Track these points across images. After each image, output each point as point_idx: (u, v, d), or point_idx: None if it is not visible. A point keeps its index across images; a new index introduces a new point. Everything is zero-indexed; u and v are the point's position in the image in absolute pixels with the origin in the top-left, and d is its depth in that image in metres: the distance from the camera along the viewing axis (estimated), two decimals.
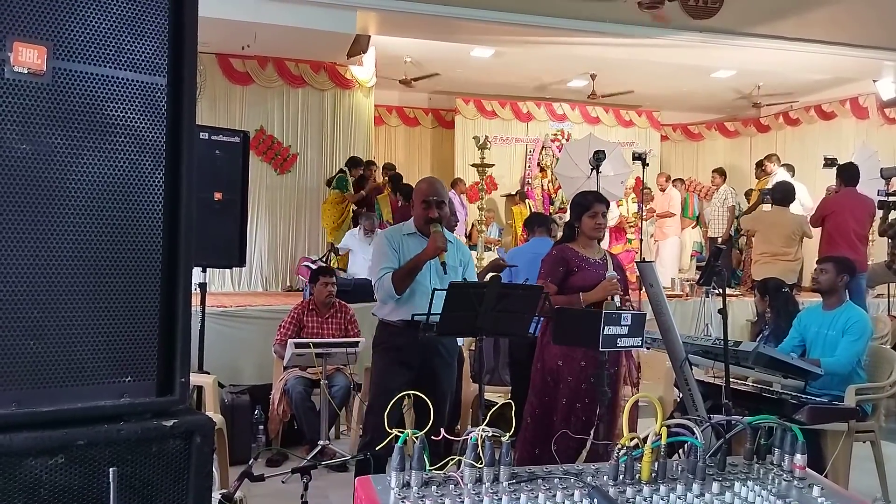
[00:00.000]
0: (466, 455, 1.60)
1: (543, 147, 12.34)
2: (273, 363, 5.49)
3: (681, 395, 3.57)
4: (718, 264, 3.43)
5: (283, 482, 4.36)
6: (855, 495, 1.76)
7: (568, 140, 11.83)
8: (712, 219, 10.12)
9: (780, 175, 9.35)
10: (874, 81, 10.39)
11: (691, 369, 3.36)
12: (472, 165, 10.11)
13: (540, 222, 5.65)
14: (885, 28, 8.44)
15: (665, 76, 10.74)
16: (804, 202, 8.78)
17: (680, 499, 1.59)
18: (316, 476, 3.72)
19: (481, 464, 1.60)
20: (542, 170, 12.19)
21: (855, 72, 10.12)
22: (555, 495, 1.55)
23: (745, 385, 4.02)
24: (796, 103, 12.42)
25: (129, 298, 1.47)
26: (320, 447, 4.95)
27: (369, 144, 9.98)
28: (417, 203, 3.65)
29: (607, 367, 3.66)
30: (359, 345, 5.06)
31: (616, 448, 1.69)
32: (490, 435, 1.62)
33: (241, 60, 9.09)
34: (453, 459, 1.67)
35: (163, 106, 1.50)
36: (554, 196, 11.96)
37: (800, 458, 1.73)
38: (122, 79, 1.45)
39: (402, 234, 3.66)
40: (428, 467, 1.60)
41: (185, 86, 1.53)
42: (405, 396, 3.07)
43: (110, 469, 1.35)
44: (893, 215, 7.23)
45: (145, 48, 1.47)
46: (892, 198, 7.29)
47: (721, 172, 10.30)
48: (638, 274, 3.83)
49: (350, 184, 8.94)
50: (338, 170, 9.12)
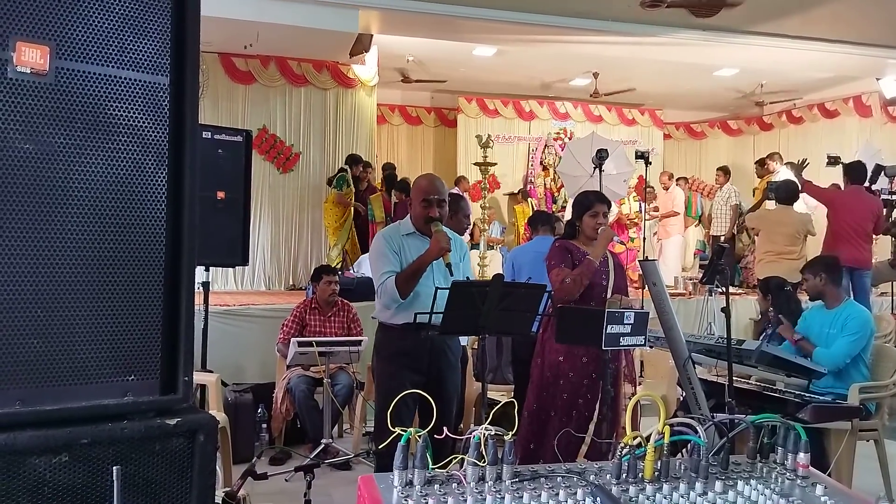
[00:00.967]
0: (469, 454, 1.60)
1: (546, 146, 12.33)
2: (276, 362, 5.50)
3: (684, 394, 3.56)
4: (722, 263, 3.43)
5: (286, 480, 4.38)
6: (858, 494, 1.76)
7: (570, 139, 11.81)
8: (715, 217, 10.10)
9: (783, 173, 9.33)
10: (877, 79, 10.36)
11: (694, 368, 3.36)
12: (474, 164, 10.09)
13: (543, 221, 5.65)
14: (889, 26, 8.41)
15: (668, 74, 10.73)
16: (808, 201, 8.75)
17: (683, 497, 1.58)
18: (319, 474, 3.72)
19: (484, 462, 1.60)
20: (545, 168, 12.18)
21: (858, 70, 10.10)
22: (557, 494, 1.55)
23: (748, 384, 4.02)
24: (799, 101, 12.39)
25: (132, 297, 1.47)
26: (323, 446, 4.96)
27: (372, 143, 9.98)
28: (416, 201, 3.51)
29: (615, 364, 3.67)
30: (361, 343, 5.06)
31: (619, 446, 1.69)
32: (493, 433, 1.62)
33: (244, 59, 9.09)
34: (456, 458, 1.67)
35: (165, 105, 1.50)
36: (556, 195, 11.95)
37: (803, 457, 1.73)
38: (125, 78, 1.45)
39: (400, 234, 3.53)
40: (431, 466, 1.60)
41: (188, 85, 1.53)
42: (413, 400, 3.02)
43: (114, 467, 1.36)
44: None
45: (148, 48, 1.48)
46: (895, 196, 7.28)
47: (724, 171, 10.28)
48: (641, 272, 3.83)
49: (349, 182, 8.89)
50: (338, 168, 9.10)
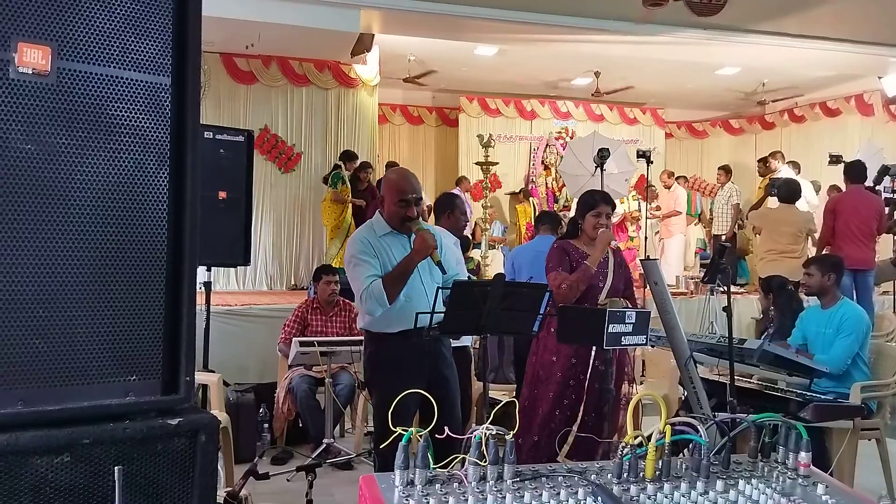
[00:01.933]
0: (471, 453, 1.60)
1: (548, 145, 12.33)
2: (278, 361, 5.50)
3: (685, 393, 3.56)
4: (723, 262, 3.43)
5: (287, 480, 4.39)
6: (860, 493, 1.76)
7: (572, 138, 11.81)
8: (717, 216, 10.10)
9: (785, 172, 9.33)
10: (879, 78, 10.35)
11: (696, 367, 3.36)
12: (476, 163, 10.11)
13: (546, 220, 5.64)
14: (890, 25, 8.40)
15: (669, 73, 10.72)
16: (809, 199, 8.75)
17: (684, 497, 1.58)
18: (321, 474, 3.73)
19: (485, 462, 1.60)
20: (547, 168, 12.18)
21: (860, 68, 10.09)
22: (559, 493, 1.55)
23: (749, 383, 4.02)
24: (801, 100, 12.38)
25: (134, 297, 1.47)
26: (325, 445, 4.96)
27: (373, 143, 9.98)
28: (391, 201, 3.27)
29: (609, 365, 3.69)
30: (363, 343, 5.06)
31: (621, 446, 1.69)
32: (494, 433, 1.62)
33: (245, 59, 9.10)
34: (458, 457, 1.67)
35: (167, 105, 1.51)
36: (558, 194, 11.95)
37: (804, 456, 1.73)
38: (127, 79, 1.45)
39: (376, 235, 3.29)
40: (432, 465, 1.60)
41: (189, 85, 1.53)
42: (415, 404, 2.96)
43: (116, 468, 1.36)
44: None
45: (149, 48, 1.48)
46: None
47: (726, 170, 10.27)
48: (642, 271, 3.84)
49: (345, 179, 8.82)
50: (333, 165, 9.08)
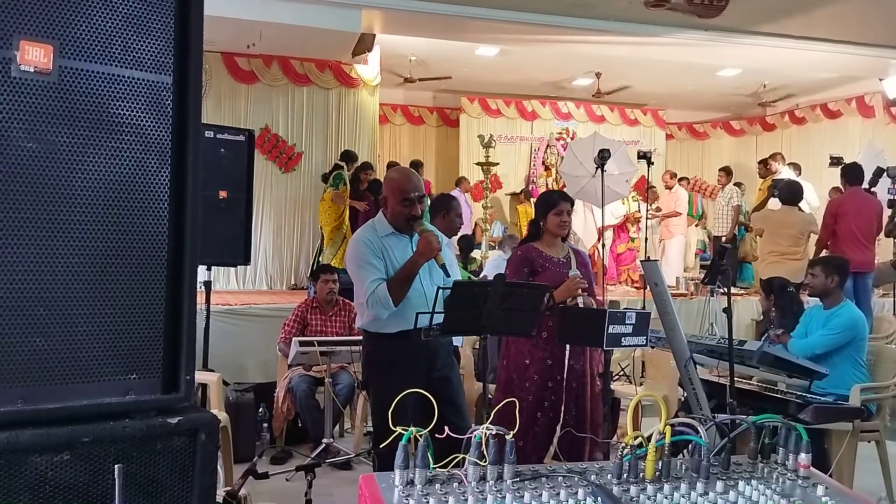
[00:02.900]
0: (470, 453, 1.60)
1: (548, 146, 12.33)
2: (277, 361, 5.50)
3: (685, 394, 3.56)
4: (723, 263, 3.43)
5: (287, 480, 4.39)
6: (859, 495, 1.76)
7: (573, 139, 11.81)
8: (717, 217, 10.10)
9: (786, 174, 9.33)
10: (880, 80, 10.35)
11: (696, 368, 3.36)
12: (476, 164, 10.11)
13: None
14: (891, 27, 8.40)
15: (670, 75, 10.72)
16: (811, 201, 8.75)
17: (684, 498, 1.58)
18: (320, 474, 3.73)
19: (485, 462, 1.60)
20: (547, 168, 12.18)
21: (861, 70, 10.09)
22: (559, 493, 1.55)
23: (749, 384, 4.02)
24: (802, 102, 12.38)
25: (134, 296, 1.47)
26: (324, 445, 4.96)
27: (374, 143, 9.98)
28: (394, 200, 3.24)
29: (581, 363, 3.70)
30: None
31: (620, 446, 1.69)
32: (494, 433, 1.62)
33: (247, 59, 9.10)
34: (457, 457, 1.67)
35: (168, 104, 1.51)
36: None
37: (804, 458, 1.73)
38: (128, 77, 1.45)
39: (379, 236, 3.26)
40: (432, 465, 1.60)
41: (191, 84, 1.53)
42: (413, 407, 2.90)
43: (116, 466, 1.36)
44: None
45: (151, 47, 1.48)
46: None
47: (727, 171, 10.27)
48: (642, 272, 3.84)
49: (346, 180, 8.80)
50: (333, 165, 9.07)
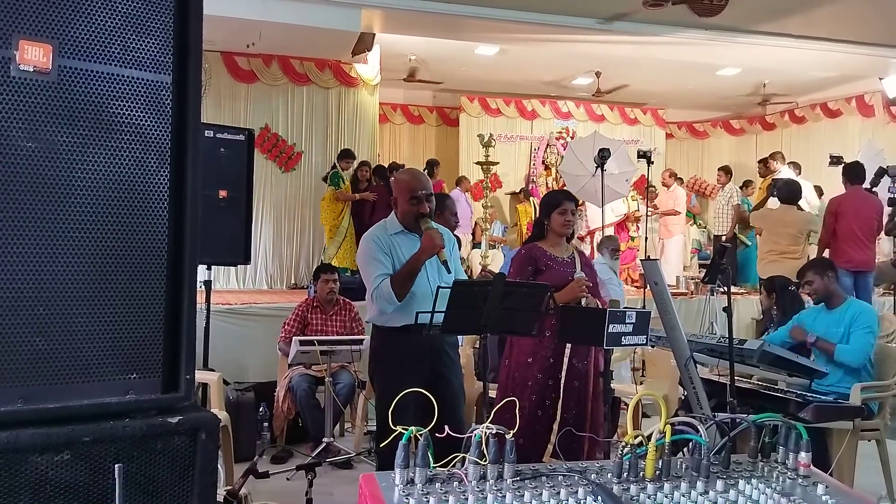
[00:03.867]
0: (471, 452, 1.60)
1: (548, 145, 12.33)
2: (278, 360, 5.50)
3: (685, 393, 3.56)
4: (723, 262, 3.43)
5: (287, 479, 4.39)
6: (860, 493, 1.76)
7: (573, 138, 11.81)
8: (717, 217, 10.10)
9: (786, 173, 9.33)
10: (880, 79, 10.34)
11: (696, 367, 3.36)
12: (476, 163, 10.07)
13: None
14: (891, 26, 8.40)
15: (670, 74, 10.72)
16: (810, 200, 8.75)
17: (684, 496, 1.58)
18: (320, 473, 3.74)
19: (485, 461, 1.60)
20: (547, 168, 12.18)
21: (861, 69, 10.09)
22: (559, 493, 1.55)
23: (749, 383, 4.02)
24: (802, 101, 12.38)
25: (134, 296, 1.47)
26: (325, 444, 4.97)
27: (374, 142, 9.98)
28: (403, 199, 3.37)
29: (584, 362, 3.70)
30: (363, 342, 5.06)
31: (621, 445, 1.69)
32: (494, 432, 1.62)
33: (246, 58, 9.10)
34: (458, 457, 1.67)
35: (168, 104, 1.51)
36: None
37: (804, 457, 1.73)
38: (128, 77, 1.45)
39: (388, 234, 3.39)
40: (432, 464, 1.60)
41: (191, 84, 1.53)
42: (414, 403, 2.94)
43: (116, 465, 1.36)
44: None
45: (151, 46, 1.48)
46: None
47: (726, 170, 10.27)
48: (642, 271, 3.84)
49: (344, 178, 8.84)
50: (331, 165, 9.07)
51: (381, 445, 3.07)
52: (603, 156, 7.44)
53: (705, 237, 11.68)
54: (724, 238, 9.56)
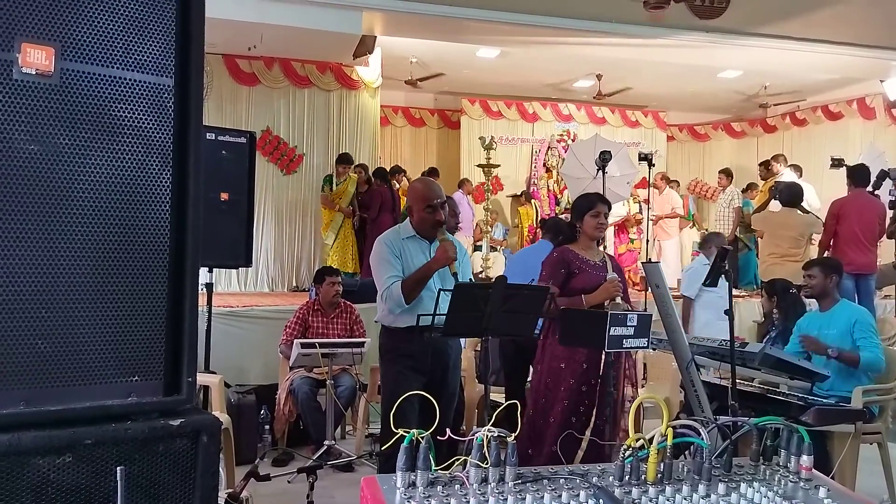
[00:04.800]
0: (472, 455, 1.60)
1: (549, 147, 12.33)
2: (279, 363, 5.50)
3: (687, 396, 3.56)
4: (724, 265, 3.43)
5: (288, 482, 4.39)
6: (861, 497, 1.76)
7: (574, 140, 11.81)
8: (718, 219, 10.10)
9: (787, 176, 9.32)
10: (881, 81, 10.34)
11: (697, 370, 3.36)
12: (477, 166, 10.11)
13: (548, 227, 5.53)
14: (893, 28, 8.40)
15: (671, 76, 10.71)
16: (812, 203, 8.74)
17: (686, 500, 1.58)
18: (322, 476, 3.73)
19: (487, 464, 1.60)
20: (548, 170, 12.18)
21: (862, 72, 10.08)
22: (560, 496, 1.55)
23: (751, 386, 4.01)
24: (803, 103, 12.37)
25: (136, 298, 1.47)
26: (326, 447, 4.97)
27: (375, 145, 9.98)
28: (418, 207, 3.53)
29: (610, 368, 3.68)
30: (364, 345, 5.06)
31: (622, 448, 1.69)
32: (496, 435, 1.62)
33: (248, 61, 9.11)
34: (459, 459, 1.67)
35: (170, 107, 1.51)
36: (560, 197, 11.94)
37: (806, 460, 1.73)
38: (130, 80, 1.45)
39: (400, 238, 3.54)
40: (434, 467, 1.60)
41: (192, 87, 1.53)
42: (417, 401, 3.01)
43: (118, 468, 1.36)
44: None
45: (152, 49, 1.48)
46: None
47: (727, 173, 10.27)
48: (643, 274, 3.84)
49: (332, 183, 8.89)
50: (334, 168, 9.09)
51: (384, 448, 3.07)
52: (604, 158, 7.44)
53: None
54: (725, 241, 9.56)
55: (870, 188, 7.24)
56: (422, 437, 1.59)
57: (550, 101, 12.46)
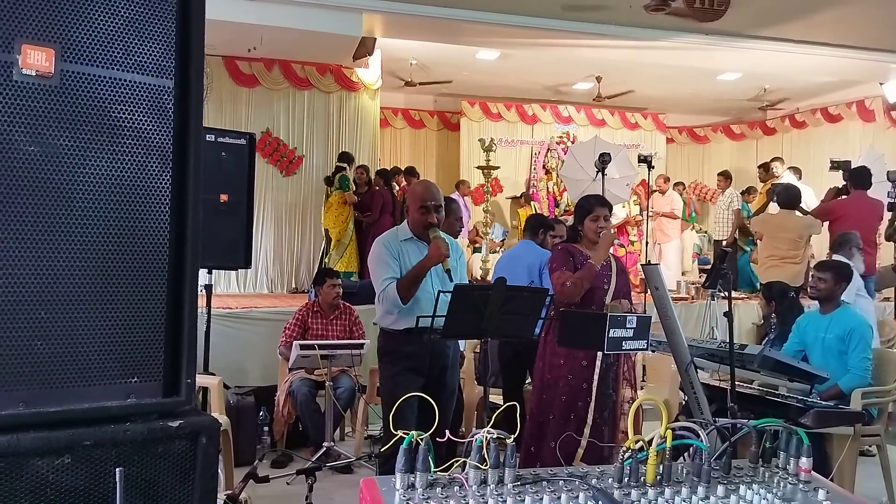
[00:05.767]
0: (471, 457, 1.60)
1: (549, 149, 12.33)
2: (278, 364, 5.50)
3: (686, 398, 3.56)
4: (724, 267, 3.42)
5: (287, 483, 4.38)
6: (860, 499, 1.76)
7: (573, 142, 11.82)
8: (717, 222, 10.11)
9: (787, 178, 9.33)
10: (880, 84, 10.36)
11: (697, 372, 3.35)
12: (477, 168, 10.10)
13: (528, 226, 5.44)
14: (892, 30, 8.41)
15: (671, 78, 10.73)
16: (811, 205, 8.74)
17: (684, 502, 1.58)
18: (321, 477, 3.73)
19: (486, 465, 1.60)
20: (548, 172, 12.18)
21: (861, 74, 10.09)
22: (559, 497, 1.55)
23: (750, 388, 4.01)
24: (802, 106, 12.39)
25: (135, 299, 1.47)
26: (325, 449, 4.96)
27: (375, 147, 9.99)
28: (414, 208, 3.54)
29: (610, 368, 3.68)
30: (364, 346, 5.06)
31: (621, 450, 1.69)
32: (495, 437, 1.62)
33: (248, 63, 9.12)
34: (458, 461, 1.67)
35: (170, 108, 1.51)
36: (559, 198, 11.95)
37: (805, 462, 1.73)
38: (130, 81, 1.46)
39: (399, 240, 3.56)
40: (433, 469, 1.60)
41: (192, 88, 1.54)
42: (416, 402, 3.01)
43: (117, 469, 1.36)
44: None
45: (152, 51, 1.48)
46: None
47: (726, 175, 10.28)
48: (642, 276, 3.84)
49: (350, 181, 8.92)
50: (336, 168, 9.05)
51: (383, 450, 3.08)
52: (604, 160, 7.44)
53: (706, 242, 11.67)
54: (724, 243, 9.57)
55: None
56: (421, 439, 1.59)
57: (550, 103, 12.47)
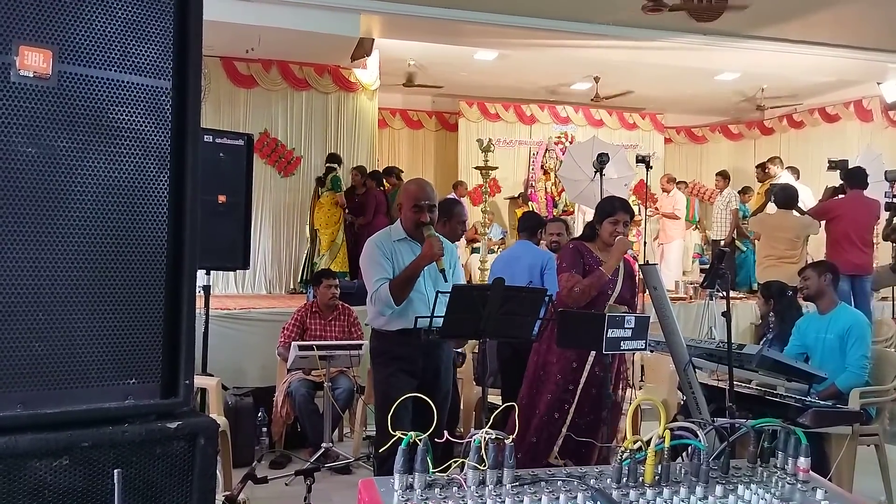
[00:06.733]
0: (470, 457, 1.60)
1: (547, 150, 12.34)
2: (277, 365, 5.50)
3: (684, 398, 3.56)
4: (722, 267, 3.43)
5: (286, 484, 4.38)
6: (859, 499, 1.77)
7: (571, 143, 11.83)
8: (715, 222, 10.11)
9: (785, 178, 9.34)
10: (878, 84, 10.37)
11: (695, 372, 3.35)
12: (475, 168, 10.10)
13: (523, 227, 5.41)
14: (890, 30, 8.42)
15: (669, 79, 10.74)
16: (808, 205, 8.75)
17: (683, 502, 1.58)
18: (319, 478, 3.73)
19: (484, 466, 1.60)
20: (546, 172, 12.20)
21: (859, 74, 10.11)
22: (558, 498, 1.55)
23: (748, 388, 4.01)
24: (800, 106, 12.40)
25: (133, 301, 1.47)
26: (323, 449, 4.96)
27: (373, 147, 9.99)
28: (407, 207, 3.49)
29: (607, 370, 3.69)
30: (362, 347, 5.06)
31: (620, 450, 1.69)
32: (493, 437, 1.62)
33: (246, 63, 9.11)
34: (457, 462, 1.67)
35: (168, 109, 1.51)
36: (557, 199, 11.97)
37: (803, 462, 1.73)
38: (127, 82, 1.46)
39: (392, 240, 3.50)
40: (431, 469, 1.60)
41: (190, 89, 1.53)
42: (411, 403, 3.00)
43: (115, 471, 1.36)
44: None
45: (150, 52, 1.48)
46: None
47: (724, 175, 10.28)
48: (641, 276, 3.83)
49: (342, 182, 8.96)
50: (327, 168, 9.05)
51: (381, 450, 3.07)
52: (602, 160, 7.45)
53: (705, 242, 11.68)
54: (722, 243, 9.58)
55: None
56: (419, 440, 1.59)
57: (548, 103, 12.49)
